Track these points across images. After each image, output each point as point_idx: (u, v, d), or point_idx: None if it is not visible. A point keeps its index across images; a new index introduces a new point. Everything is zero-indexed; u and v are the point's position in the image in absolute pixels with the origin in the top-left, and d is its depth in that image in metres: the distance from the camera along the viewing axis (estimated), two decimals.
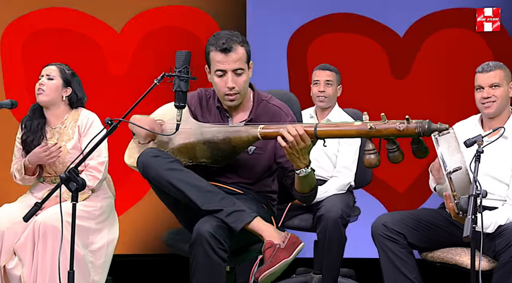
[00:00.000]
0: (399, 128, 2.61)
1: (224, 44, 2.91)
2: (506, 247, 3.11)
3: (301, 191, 2.92)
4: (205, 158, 2.96)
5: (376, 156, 2.69)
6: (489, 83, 3.39)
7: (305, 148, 2.74)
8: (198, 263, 2.79)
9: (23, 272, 3.47)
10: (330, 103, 4.31)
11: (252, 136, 2.86)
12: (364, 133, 2.68)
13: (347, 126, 2.74)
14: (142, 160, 2.89)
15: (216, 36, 2.96)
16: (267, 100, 3.09)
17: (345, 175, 4.17)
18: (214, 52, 2.94)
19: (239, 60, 2.93)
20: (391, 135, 2.64)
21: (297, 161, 2.77)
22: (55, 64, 3.80)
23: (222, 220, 2.78)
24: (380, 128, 2.64)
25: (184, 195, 2.83)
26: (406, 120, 2.61)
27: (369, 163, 2.70)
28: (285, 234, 2.81)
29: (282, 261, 2.72)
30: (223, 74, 2.95)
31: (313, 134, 2.74)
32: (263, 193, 3.12)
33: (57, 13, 4.84)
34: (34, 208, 2.82)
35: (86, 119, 3.73)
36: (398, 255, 3.29)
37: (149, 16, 4.86)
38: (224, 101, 3.02)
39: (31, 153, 3.64)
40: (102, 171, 3.67)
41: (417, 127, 2.59)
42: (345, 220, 3.92)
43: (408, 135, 2.62)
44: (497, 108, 3.40)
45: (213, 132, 2.94)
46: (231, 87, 2.94)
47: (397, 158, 2.68)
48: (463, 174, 2.80)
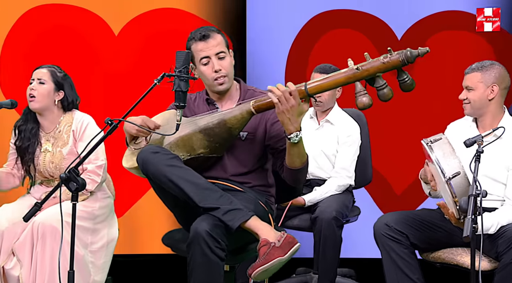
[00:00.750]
0: (384, 62, 2.72)
1: (201, 33, 3.06)
2: (508, 248, 3.11)
3: (291, 164, 2.91)
4: (202, 147, 2.98)
5: (368, 96, 2.78)
6: (465, 85, 3.42)
7: (294, 107, 2.77)
8: (195, 262, 2.80)
9: (22, 273, 3.47)
10: (326, 107, 4.28)
11: (246, 112, 2.92)
12: (352, 76, 2.77)
13: (335, 76, 2.82)
14: (142, 156, 2.91)
15: (193, 32, 3.11)
16: (253, 90, 3.17)
17: (344, 176, 4.17)
18: (194, 43, 3.06)
19: (218, 44, 3.05)
20: (377, 72, 2.73)
21: (288, 123, 2.79)
22: (46, 67, 3.73)
23: (219, 219, 2.79)
24: (367, 68, 2.75)
25: (182, 191, 2.84)
26: (389, 53, 2.72)
27: (362, 104, 2.79)
28: (281, 233, 2.81)
29: (276, 259, 2.73)
30: (207, 61, 3.04)
31: (304, 92, 2.79)
32: (260, 187, 3.13)
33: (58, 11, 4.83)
34: (34, 208, 2.82)
35: (81, 123, 3.68)
36: (400, 256, 3.29)
37: (146, 19, 4.86)
38: (215, 88, 3.08)
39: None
40: (101, 174, 3.65)
41: (400, 56, 2.71)
42: (340, 221, 3.91)
43: (393, 67, 2.72)
44: (470, 110, 3.41)
45: (207, 119, 2.99)
46: (218, 70, 3.04)
47: (387, 95, 2.76)
48: (462, 178, 2.81)
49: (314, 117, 4.36)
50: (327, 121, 4.30)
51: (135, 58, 4.82)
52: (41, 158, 3.68)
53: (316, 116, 4.36)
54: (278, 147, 3.03)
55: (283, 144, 2.97)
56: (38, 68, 3.74)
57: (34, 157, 3.68)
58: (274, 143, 3.05)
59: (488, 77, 3.37)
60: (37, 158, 3.68)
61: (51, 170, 3.66)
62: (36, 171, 3.69)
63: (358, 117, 4.34)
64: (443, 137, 3.02)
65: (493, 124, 3.38)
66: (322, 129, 4.28)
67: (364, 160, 4.34)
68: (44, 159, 3.67)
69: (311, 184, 4.20)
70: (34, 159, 3.68)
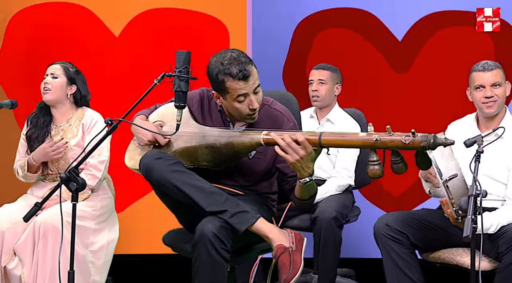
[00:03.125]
0: (405, 141, 2.61)
1: (241, 72, 2.84)
2: (509, 248, 3.11)
3: (300, 197, 2.92)
4: (206, 161, 2.96)
5: (380, 167, 2.69)
6: (491, 82, 3.36)
7: (306, 156, 2.72)
8: (200, 263, 2.79)
9: (23, 272, 3.48)
10: (325, 102, 4.29)
11: (255, 142, 2.86)
12: (369, 145, 2.67)
13: (352, 137, 2.72)
14: (145, 162, 2.88)
15: (225, 63, 2.87)
16: (268, 105, 3.07)
17: (344, 176, 4.17)
18: (232, 82, 2.86)
19: (256, 80, 2.91)
20: (396, 148, 2.64)
21: (301, 170, 2.76)
22: (59, 63, 3.87)
23: (225, 221, 2.78)
24: (386, 141, 2.64)
25: (188, 197, 2.82)
26: (412, 134, 2.61)
27: (373, 173, 2.70)
28: (289, 232, 2.82)
29: (302, 264, 2.74)
30: (244, 99, 2.90)
31: (317, 143, 2.73)
32: (263, 194, 3.12)
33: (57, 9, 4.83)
34: (34, 208, 2.82)
35: (91, 118, 3.79)
36: (401, 256, 3.28)
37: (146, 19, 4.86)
38: (246, 120, 3.00)
39: (37, 150, 3.68)
40: (101, 170, 3.69)
41: (423, 141, 2.59)
42: (340, 221, 3.91)
43: (412, 148, 2.62)
44: (498, 108, 3.39)
45: (216, 137, 2.93)
46: (255, 108, 2.92)
47: (401, 169, 2.68)
48: (460, 181, 2.80)
49: (315, 116, 4.36)
50: (327, 121, 4.30)
51: (135, 58, 4.81)
52: None
53: (317, 116, 4.36)
54: (288, 173, 3.00)
55: (292, 169, 2.89)
56: (52, 64, 3.86)
57: None
58: (283, 168, 3.01)
59: (504, 75, 3.38)
60: None
61: (57, 159, 3.72)
62: (44, 162, 3.74)
63: (358, 117, 4.34)
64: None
65: (497, 124, 3.39)
66: (323, 128, 4.27)
67: (364, 161, 4.33)
68: None
69: None
70: None
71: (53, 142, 3.68)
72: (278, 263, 2.76)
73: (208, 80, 2.97)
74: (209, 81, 2.96)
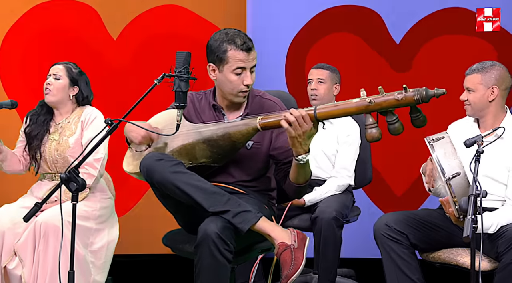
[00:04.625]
0: (398, 98, 2.66)
1: (245, 44, 2.94)
2: (508, 248, 3.11)
3: (295, 181, 2.93)
4: (205, 157, 2.96)
5: (378, 129, 2.72)
6: (465, 86, 3.43)
7: (306, 132, 2.76)
8: (203, 264, 2.78)
9: (24, 272, 3.47)
10: (323, 101, 4.27)
11: (251, 128, 2.89)
12: (363, 108, 2.71)
13: (346, 104, 2.76)
14: (146, 163, 2.88)
15: (230, 34, 2.97)
16: (260, 96, 3.12)
17: (344, 176, 4.17)
18: (234, 50, 2.94)
19: (255, 59, 2.99)
20: (390, 107, 2.67)
21: (298, 146, 2.79)
22: (62, 63, 3.84)
23: (228, 221, 2.79)
24: (379, 101, 2.68)
25: (190, 197, 2.82)
26: (404, 90, 2.65)
27: (371, 137, 2.72)
28: (291, 231, 2.83)
29: (303, 262, 2.75)
30: (241, 72, 2.96)
31: (313, 116, 2.78)
32: (263, 191, 3.12)
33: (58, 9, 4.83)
34: (34, 208, 2.82)
35: (89, 115, 3.78)
36: (401, 256, 3.29)
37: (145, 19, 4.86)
38: (234, 98, 3.02)
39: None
40: (97, 168, 3.67)
41: (415, 95, 2.65)
42: (340, 221, 3.90)
43: (407, 104, 2.66)
44: (471, 111, 3.42)
45: (212, 130, 2.95)
46: (248, 84, 2.98)
47: (398, 129, 2.70)
48: (462, 179, 2.80)
49: None
50: (327, 121, 4.30)
51: (134, 58, 4.81)
52: (47, 145, 3.75)
53: None
54: (282, 159, 3.02)
55: (287, 156, 2.96)
56: (55, 64, 3.85)
57: (41, 143, 3.75)
58: (277, 154, 3.03)
59: (489, 79, 3.36)
60: (43, 145, 3.75)
61: (55, 157, 3.72)
62: (41, 157, 3.75)
63: (357, 117, 4.34)
64: (446, 136, 3.01)
65: (495, 124, 3.38)
66: (322, 128, 4.27)
67: (364, 160, 4.34)
68: (50, 146, 3.74)
69: (311, 184, 4.18)
70: (41, 146, 3.75)
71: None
72: (280, 260, 2.77)
73: (207, 53, 3.02)
74: (208, 54, 3.01)
